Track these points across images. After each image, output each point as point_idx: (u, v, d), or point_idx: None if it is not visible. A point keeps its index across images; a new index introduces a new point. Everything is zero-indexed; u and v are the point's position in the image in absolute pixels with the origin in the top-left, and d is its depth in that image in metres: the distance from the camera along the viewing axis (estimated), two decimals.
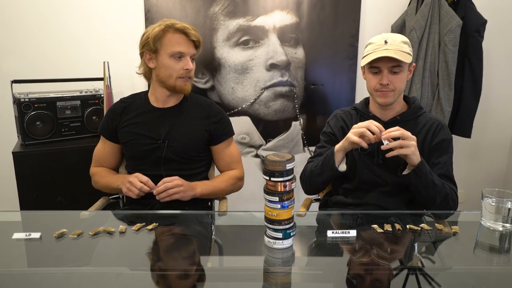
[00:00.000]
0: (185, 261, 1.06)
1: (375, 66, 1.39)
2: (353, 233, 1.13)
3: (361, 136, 1.32)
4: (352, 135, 1.33)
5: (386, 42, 1.38)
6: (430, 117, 1.48)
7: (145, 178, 1.41)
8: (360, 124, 1.34)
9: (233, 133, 1.64)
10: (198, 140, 1.55)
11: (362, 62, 1.44)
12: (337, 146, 1.40)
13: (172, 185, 1.39)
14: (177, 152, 1.52)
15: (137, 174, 1.43)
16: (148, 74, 1.53)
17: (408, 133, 1.29)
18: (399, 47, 1.37)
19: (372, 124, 1.31)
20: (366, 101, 1.55)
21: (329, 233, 1.14)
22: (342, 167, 1.42)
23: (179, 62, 1.46)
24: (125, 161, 1.66)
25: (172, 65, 1.46)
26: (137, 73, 1.55)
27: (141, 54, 1.51)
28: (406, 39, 1.41)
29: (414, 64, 1.45)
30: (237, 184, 1.62)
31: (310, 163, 1.54)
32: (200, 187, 1.48)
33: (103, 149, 1.61)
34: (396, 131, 1.28)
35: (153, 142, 1.51)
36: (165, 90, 1.52)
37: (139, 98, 1.59)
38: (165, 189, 1.39)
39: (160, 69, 1.47)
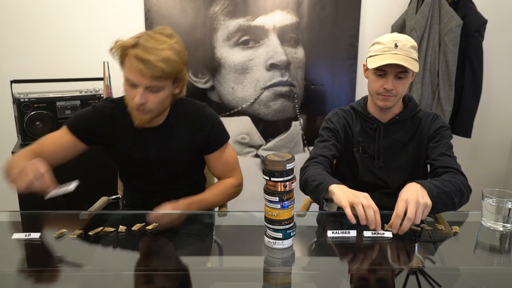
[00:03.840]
0: (185, 261, 1.06)
1: (381, 69, 1.34)
2: (353, 233, 1.13)
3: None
4: (348, 209, 1.10)
5: (396, 45, 1.31)
6: (425, 111, 1.48)
7: (42, 170, 1.12)
8: (359, 207, 1.09)
9: (227, 139, 1.47)
10: (189, 158, 1.44)
11: (369, 63, 1.36)
12: (331, 188, 1.18)
13: (164, 224, 1.21)
14: (169, 173, 1.43)
15: (38, 159, 1.16)
16: None
17: (411, 212, 1.07)
18: (409, 52, 1.31)
19: (371, 213, 1.09)
20: (365, 100, 1.52)
21: (329, 233, 1.13)
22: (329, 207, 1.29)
23: (132, 90, 1.24)
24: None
25: (127, 91, 1.28)
26: None
27: None
28: (415, 44, 1.35)
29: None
30: (235, 192, 1.49)
31: (312, 166, 1.37)
32: (194, 209, 1.33)
33: (60, 138, 1.35)
34: (407, 225, 1.08)
35: (143, 164, 1.40)
36: None
37: (125, 108, 1.33)
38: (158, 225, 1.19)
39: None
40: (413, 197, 1.10)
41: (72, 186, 1.16)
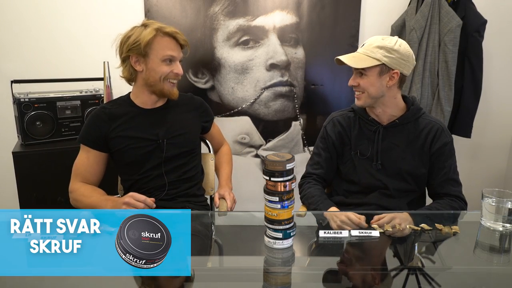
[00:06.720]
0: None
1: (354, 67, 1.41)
2: (345, 233, 1.12)
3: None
4: (334, 224, 1.25)
5: (363, 45, 1.40)
6: (430, 120, 1.46)
7: (142, 197, 1.32)
8: (338, 219, 1.24)
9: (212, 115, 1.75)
10: (194, 131, 1.61)
11: None
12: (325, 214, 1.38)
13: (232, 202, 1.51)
14: (178, 147, 1.52)
15: (131, 194, 1.34)
16: (133, 77, 1.50)
17: (395, 216, 1.22)
18: (368, 51, 1.36)
19: (350, 219, 1.22)
20: None
21: (321, 233, 1.13)
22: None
23: (169, 66, 1.45)
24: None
25: (163, 70, 1.44)
26: (121, 76, 1.52)
27: (125, 57, 1.47)
28: (385, 44, 1.35)
29: (395, 70, 1.36)
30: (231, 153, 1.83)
31: (307, 185, 1.53)
32: (230, 184, 1.66)
33: (87, 159, 1.51)
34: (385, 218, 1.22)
35: (152, 143, 1.50)
36: (153, 95, 1.50)
37: (122, 103, 1.55)
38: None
39: (150, 72, 1.45)
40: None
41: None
